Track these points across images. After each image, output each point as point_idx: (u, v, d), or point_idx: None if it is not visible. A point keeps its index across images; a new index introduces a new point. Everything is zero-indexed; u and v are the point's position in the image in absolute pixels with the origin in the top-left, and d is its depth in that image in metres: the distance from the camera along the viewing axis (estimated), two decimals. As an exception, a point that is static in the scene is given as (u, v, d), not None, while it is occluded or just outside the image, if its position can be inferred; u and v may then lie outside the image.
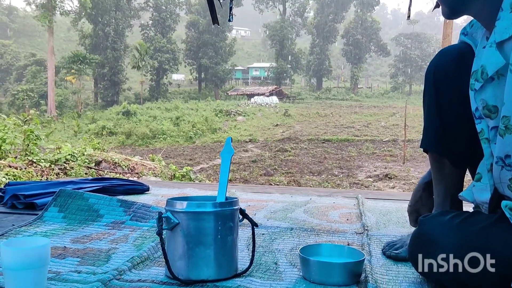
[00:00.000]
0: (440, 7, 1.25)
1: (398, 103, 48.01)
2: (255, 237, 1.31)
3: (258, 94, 45.49)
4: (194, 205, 1.16)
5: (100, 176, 2.23)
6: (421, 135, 1.46)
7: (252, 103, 40.75)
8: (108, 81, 46.91)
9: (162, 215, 1.16)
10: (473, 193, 1.27)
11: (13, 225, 1.65)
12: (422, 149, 1.47)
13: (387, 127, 30.18)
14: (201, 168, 15.63)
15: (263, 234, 1.61)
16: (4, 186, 2.08)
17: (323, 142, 24.88)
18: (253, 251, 1.28)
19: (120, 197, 2.19)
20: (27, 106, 39.33)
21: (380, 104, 46.04)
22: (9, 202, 1.92)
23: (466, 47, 1.34)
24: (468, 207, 1.37)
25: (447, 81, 1.35)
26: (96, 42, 46.66)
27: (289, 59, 54.41)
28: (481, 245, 1.05)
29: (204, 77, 53.41)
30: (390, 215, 1.95)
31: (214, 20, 3.32)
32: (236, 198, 1.23)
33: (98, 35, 46.36)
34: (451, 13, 1.20)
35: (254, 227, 1.30)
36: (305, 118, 35.13)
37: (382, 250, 1.48)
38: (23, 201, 1.91)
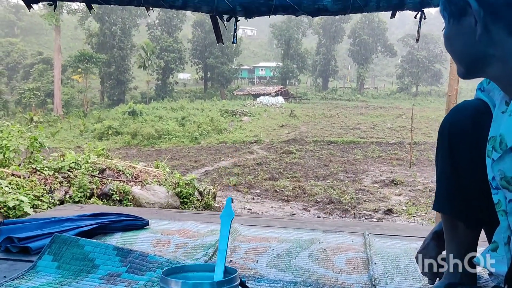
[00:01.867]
0: (456, 65, 1.18)
1: (404, 104, 47.83)
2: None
3: (264, 94, 45.44)
4: (189, 286, 1.08)
5: (98, 212, 2.17)
6: (428, 137, 1.40)
7: (257, 103, 40.70)
8: (115, 80, 47.09)
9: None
10: (489, 261, 1.20)
11: (5, 276, 1.59)
12: (427, 153, 1.42)
13: (393, 129, 30.04)
14: (205, 171, 15.59)
15: (265, 290, 1.54)
16: (-1, 225, 2.02)
17: (329, 144, 24.79)
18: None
19: (118, 236, 2.12)
20: (33, 105, 39.50)
21: (386, 105, 45.88)
22: (3, 246, 1.86)
23: (482, 104, 1.27)
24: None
25: (463, 139, 1.28)
26: (102, 41, 46.82)
27: (295, 59, 54.30)
28: None
29: (210, 76, 53.45)
30: (398, 260, 1.87)
31: (218, 38, 3.26)
32: (236, 271, 1.15)
33: (105, 34, 46.52)
34: (466, 74, 1.12)
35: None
36: (310, 119, 35.05)
37: (390, 315, 1.40)
38: (18, 245, 1.85)
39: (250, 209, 8.26)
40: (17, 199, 5.58)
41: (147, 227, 2.28)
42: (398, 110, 40.53)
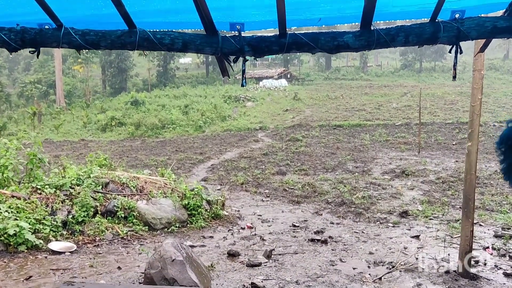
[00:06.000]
0: None
1: (408, 81, 47.20)
2: None
3: (267, 77, 44.90)
4: None
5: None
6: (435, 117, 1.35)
7: (261, 87, 40.24)
8: (115, 68, 46.72)
9: None
10: None
11: None
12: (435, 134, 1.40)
13: (399, 109, 29.61)
14: (212, 165, 15.35)
15: None
16: None
17: (335, 128, 24.48)
18: None
19: None
20: (35, 98, 39.21)
21: (391, 83, 45.32)
22: None
23: None
24: None
25: None
26: (101, 28, 46.23)
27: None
28: None
29: (211, 60, 52.84)
30: None
31: (224, 73, 2.96)
32: None
33: (103, 22, 45.90)
34: None
35: None
36: (315, 102, 34.64)
37: None
38: None
39: (260, 215, 8.00)
40: (18, 225, 5.35)
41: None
42: (403, 88, 39.98)
